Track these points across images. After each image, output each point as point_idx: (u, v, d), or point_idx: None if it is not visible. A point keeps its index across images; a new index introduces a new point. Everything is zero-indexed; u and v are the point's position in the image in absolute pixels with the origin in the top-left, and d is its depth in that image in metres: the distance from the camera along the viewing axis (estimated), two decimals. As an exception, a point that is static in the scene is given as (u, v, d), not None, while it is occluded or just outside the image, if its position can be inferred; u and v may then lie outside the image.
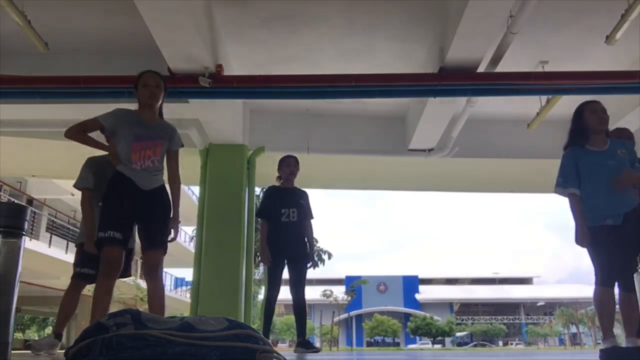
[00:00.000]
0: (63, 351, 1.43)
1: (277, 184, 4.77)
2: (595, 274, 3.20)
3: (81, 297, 3.78)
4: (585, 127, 3.33)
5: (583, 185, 3.25)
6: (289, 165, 4.67)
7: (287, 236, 4.43)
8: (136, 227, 3.09)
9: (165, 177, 3.20)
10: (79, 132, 3.03)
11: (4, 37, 5.02)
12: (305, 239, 4.58)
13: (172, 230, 3.06)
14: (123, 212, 2.93)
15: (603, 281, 3.18)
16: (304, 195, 4.67)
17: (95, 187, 3.59)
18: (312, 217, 4.66)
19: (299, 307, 4.43)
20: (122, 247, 2.93)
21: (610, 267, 3.15)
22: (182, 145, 3.30)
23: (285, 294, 4.60)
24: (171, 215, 3.07)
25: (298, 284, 4.42)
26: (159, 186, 3.05)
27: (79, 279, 3.65)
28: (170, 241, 3.08)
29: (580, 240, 3.20)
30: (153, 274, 3.02)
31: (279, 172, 4.73)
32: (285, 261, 4.45)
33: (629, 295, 3.23)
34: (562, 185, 3.33)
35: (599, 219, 3.16)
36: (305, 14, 4.84)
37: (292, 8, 4.76)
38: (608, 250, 3.14)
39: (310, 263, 4.56)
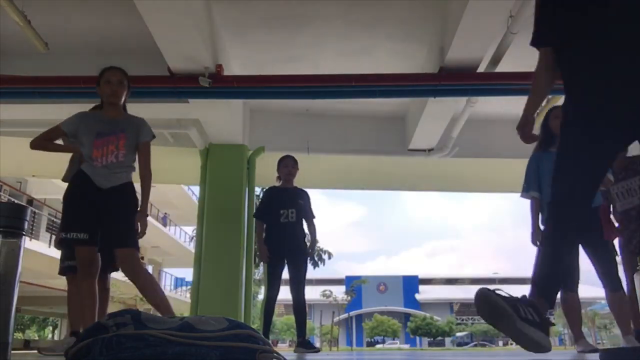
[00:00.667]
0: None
1: (277, 184, 4.78)
2: None
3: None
4: (551, 133, 3.42)
5: (543, 188, 3.37)
6: (287, 166, 4.68)
7: (286, 237, 4.44)
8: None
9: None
10: (42, 141, 3.09)
11: (4, 37, 5.02)
12: (305, 238, 4.60)
13: (139, 225, 2.91)
14: (83, 212, 2.87)
15: (567, 286, 3.41)
16: (304, 195, 4.67)
17: None
18: (313, 217, 4.67)
19: (299, 306, 4.44)
20: (91, 246, 2.87)
21: (573, 271, 3.34)
22: (153, 137, 3.15)
23: (285, 294, 4.60)
24: (138, 209, 2.95)
25: (298, 283, 4.43)
26: (119, 184, 2.92)
27: (68, 273, 3.57)
28: (139, 237, 2.94)
29: (533, 239, 3.40)
30: (127, 273, 2.93)
31: (278, 172, 4.74)
32: (285, 261, 4.46)
33: (615, 296, 3.30)
34: (525, 190, 3.50)
35: None
36: (306, 14, 4.84)
37: (292, 8, 4.76)
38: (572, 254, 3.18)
39: (309, 260, 4.57)
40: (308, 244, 4.68)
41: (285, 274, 4.50)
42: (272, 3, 4.68)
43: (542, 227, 3.27)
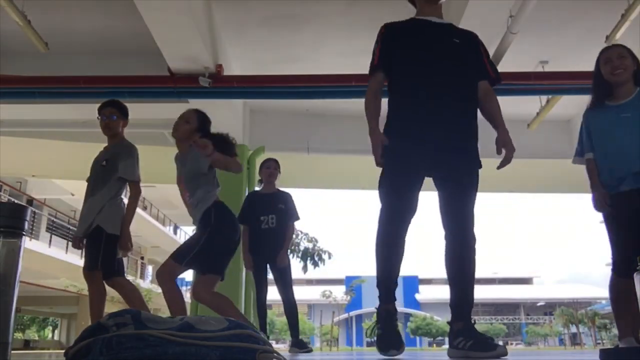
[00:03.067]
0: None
1: (258, 188, 4.74)
2: (612, 260, 2.73)
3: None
4: (602, 80, 2.84)
5: (595, 149, 2.81)
6: (268, 168, 4.61)
7: (267, 243, 4.41)
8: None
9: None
10: None
11: (4, 37, 5.02)
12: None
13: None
14: None
15: (618, 269, 2.71)
16: (284, 198, 4.57)
17: None
18: (297, 219, 4.61)
19: (290, 308, 4.48)
20: None
21: (626, 250, 2.61)
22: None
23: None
24: None
25: (285, 287, 4.43)
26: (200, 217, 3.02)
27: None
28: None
29: (596, 205, 2.74)
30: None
31: (259, 175, 4.71)
32: (268, 265, 4.46)
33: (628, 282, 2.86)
34: (578, 154, 2.91)
35: (611, 185, 2.69)
36: (306, 13, 4.84)
37: (292, 8, 4.76)
38: (624, 227, 2.64)
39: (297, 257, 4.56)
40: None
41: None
42: (272, 3, 4.69)
43: (603, 191, 2.68)
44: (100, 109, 3.39)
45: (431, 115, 2.22)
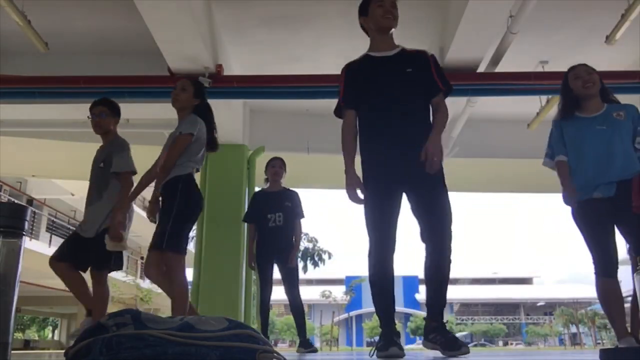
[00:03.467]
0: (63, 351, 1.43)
1: (264, 186, 4.77)
2: (593, 263, 2.89)
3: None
4: (572, 95, 3.10)
5: (569, 155, 3.01)
6: (273, 166, 4.68)
7: (274, 241, 4.45)
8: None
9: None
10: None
11: (4, 37, 5.02)
12: (293, 239, 4.58)
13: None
14: None
15: (603, 271, 2.87)
16: (291, 196, 4.63)
17: None
18: (302, 217, 4.65)
19: (296, 308, 4.48)
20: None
21: (604, 251, 2.84)
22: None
23: (283, 294, 4.62)
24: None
25: (292, 286, 4.46)
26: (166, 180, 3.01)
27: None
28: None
29: (567, 199, 2.92)
30: (150, 277, 3.09)
31: (265, 173, 4.75)
32: (275, 264, 4.49)
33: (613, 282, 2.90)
34: (549, 156, 3.11)
35: (586, 191, 2.86)
36: (305, 14, 4.84)
37: (292, 8, 4.76)
38: (602, 231, 2.83)
39: (301, 260, 4.60)
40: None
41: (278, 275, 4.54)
42: (272, 3, 4.68)
43: (573, 185, 2.89)
44: (90, 108, 3.44)
45: (394, 139, 2.46)
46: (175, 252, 2.89)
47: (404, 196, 2.50)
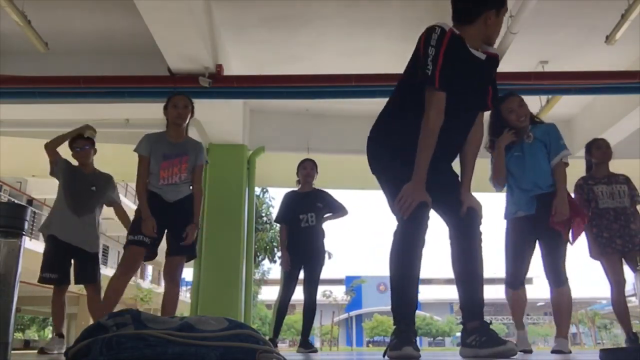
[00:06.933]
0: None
1: (296, 188, 4.80)
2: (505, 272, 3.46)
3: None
4: (504, 125, 3.36)
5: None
6: (305, 168, 4.73)
7: (306, 242, 4.51)
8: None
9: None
10: (142, 181, 3.33)
11: (4, 37, 5.02)
12: (324, 239, 4.65)
13: (189, 233, 3.31)
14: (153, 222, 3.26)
15: (509, 282, 3.52)
16: (322, 197, 4.70)
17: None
18: (344, 211, 4.75)
19: (309, 307, 4.52)
20: (144, 249, 3.23)
21: (515, 267, 3.40)
22: (207, 162, 3.64)
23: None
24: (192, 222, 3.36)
25: (312, 285, 4.53)
26: (183, 197, 3.35)
27: (46, 283, 3.93)
28: (185, 245, 3.32)
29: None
30: (168, 277, 3.37)
31: (297, 175, 4.79)
32: (302, 264, 4.54)
33: (558, 292, 3.24)
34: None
35: (511, 212, 3.37)
36: (305, 13, 4.84)
37: (292, 8, 4.76)
38: (514, 247, 3.37)
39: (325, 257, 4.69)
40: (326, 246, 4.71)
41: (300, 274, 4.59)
42: (272, 3, 4.68)
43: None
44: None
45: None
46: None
47: None
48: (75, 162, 4.00)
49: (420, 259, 2.15)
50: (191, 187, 3.43)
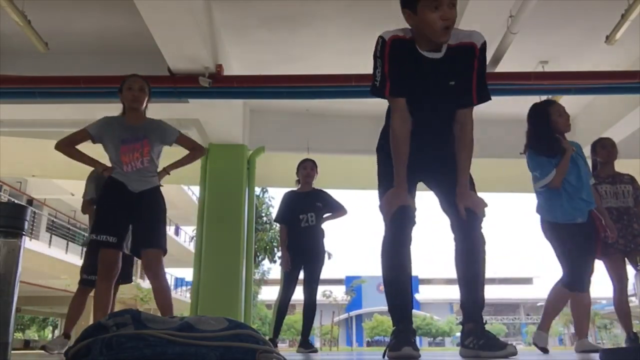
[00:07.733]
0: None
1: (295, 188, 4.80)
2: (565, 276, 3.43)
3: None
4: (553, 132, 3.44)
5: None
6: (305, 168, 4.73)
7: (306, 241, 4.51)
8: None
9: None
10: (68, 145, 3.15)
11: (4, 37, 5.02)
12: (324, 239, 4.65)
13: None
14: (115, 216, 3.04)
15: (573, 283, 3.44)
16: (321, 197, 4.70)
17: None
18: (344, 211, 4.74)
19: (309, 307, 4.53)
20: (117, 250, 3.03)
21: (581, 269, 3.41)
22: (179, 133, 3.34)
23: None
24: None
25: (312, 285, 4.54)
26: (149, 188, 3.13)
27: (85, 285, 3.78)
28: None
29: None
30: (150, 273, 3.09)
31: (297, 175, 4.79)
32: (302, 264, 4.54)
33: (583, 296, 3.48)
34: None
35: (569, 217, 3.41)
36: (306, 14, 4.84)
37: (292, 8, 4.76)
38: (580, 250, 3.36)
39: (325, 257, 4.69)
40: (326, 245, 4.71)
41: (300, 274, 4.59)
42: (272, 3, 4.68)
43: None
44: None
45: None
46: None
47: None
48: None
49: (409, 256, 2.20)
50: (160, 182, 3.24)
